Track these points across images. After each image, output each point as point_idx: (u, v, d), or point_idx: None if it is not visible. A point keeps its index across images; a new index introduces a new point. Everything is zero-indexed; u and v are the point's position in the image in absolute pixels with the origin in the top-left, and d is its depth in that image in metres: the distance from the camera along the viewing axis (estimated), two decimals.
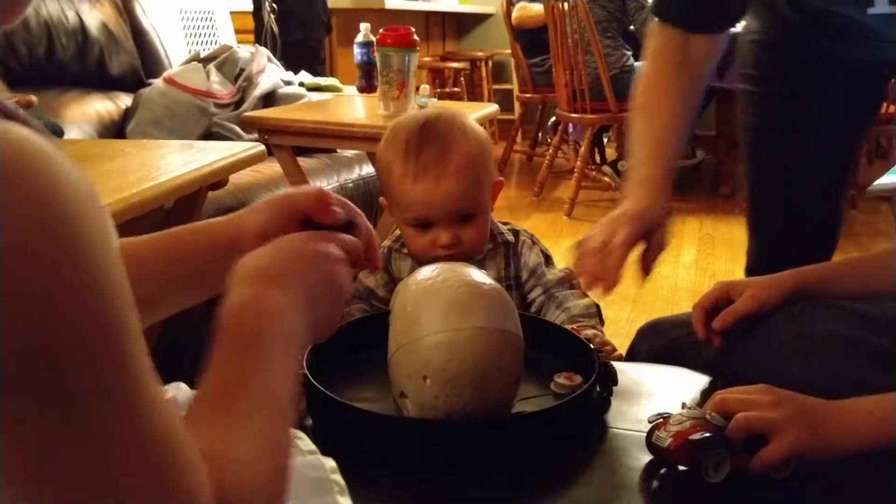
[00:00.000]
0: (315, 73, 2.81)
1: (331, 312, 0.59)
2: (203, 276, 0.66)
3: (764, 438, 0.72)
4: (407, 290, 0.80)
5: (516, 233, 1.18)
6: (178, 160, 1.16)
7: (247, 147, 1.20)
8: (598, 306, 1.13)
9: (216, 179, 1.09)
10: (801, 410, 0.74)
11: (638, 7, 3.66)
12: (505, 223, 1.20)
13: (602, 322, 1.12)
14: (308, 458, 0.63)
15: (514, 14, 4.32)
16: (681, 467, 0.73)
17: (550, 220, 3.61)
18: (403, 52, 1.54)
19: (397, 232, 1.17)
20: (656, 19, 1.19)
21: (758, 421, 0.73)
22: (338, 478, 0.63)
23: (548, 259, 1.18)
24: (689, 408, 0.76)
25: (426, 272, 0.81)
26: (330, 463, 0.64)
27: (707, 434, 0.72)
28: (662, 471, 0.76)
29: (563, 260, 1.17)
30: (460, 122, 1.10)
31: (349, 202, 0.67)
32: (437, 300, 0.75)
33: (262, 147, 1.21)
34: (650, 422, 0.76)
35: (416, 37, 1.58)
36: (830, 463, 0.74)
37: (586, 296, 1.14)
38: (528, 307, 1.15)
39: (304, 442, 0.65)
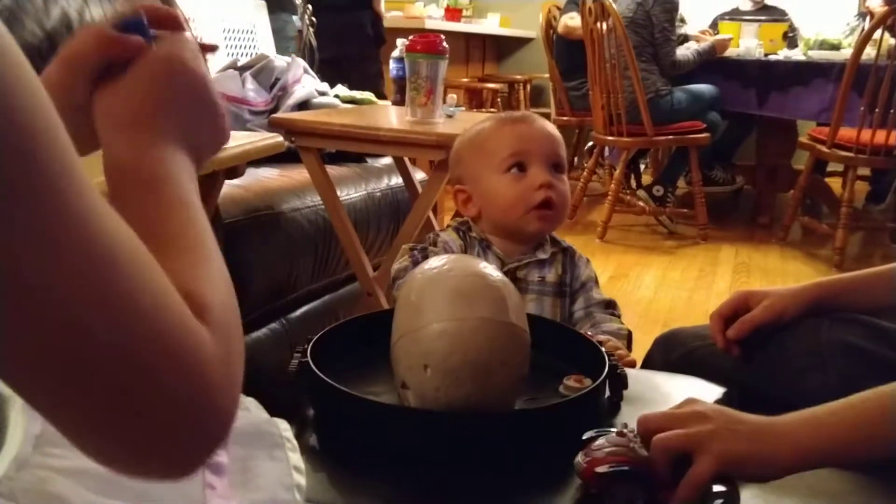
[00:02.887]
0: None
1: (211, 124, 0.55)
2: None
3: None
4: (413, 279, 0.79)
5: (573, 247, 1.22)
6: None
7: (264, 136, 1.21)
8: (630, 332, 1.13)
9: (230, 165, 1.10)
10: (729, 422, 0.67)
11: (664, 39, 3.65)
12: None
13: (630, 349, 1.11)
14: (263, 416, 0.63)
15: (563, 23, 4.28)
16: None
17: (583, 242, 3.58)
18: (432, 59, 1.55)
19: (458, 219, 1.19)
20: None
21: (678, 439, 0.66)
22: (290, 436, 0.62)
23: (596, 280, 1.20)
24: (624, 431, 0.69)
25: (434, 262, 0.80)
26: (284, 424, 0.63)
27: (617, 467, 0.65)
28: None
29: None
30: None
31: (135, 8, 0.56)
32: (442, 289, 0.74)
33: (279, 138, 1.22)
34: (583, 438, 0.69)
35: (445, 45, 1.59)
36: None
37: (622, 323, 1.15)
38: (569, 319, 1.15)
39: (256, 405, 0.65)
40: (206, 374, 0.36)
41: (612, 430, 0.70)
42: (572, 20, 4.21)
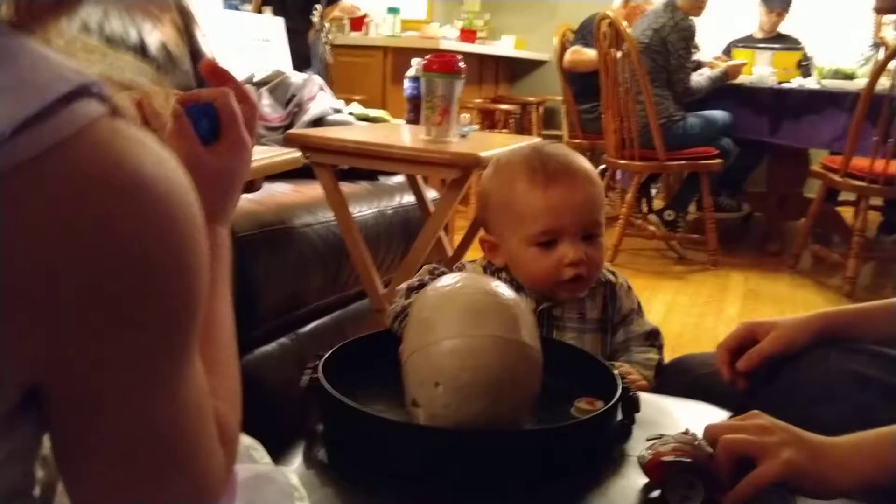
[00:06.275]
0: None
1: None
2: None
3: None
4: (425, 296, 0.79)
5: (614, 274, 1.16)
6: None
7: (281, 152, 1.21)
8: (659, 361, 1.11)
9: (249, 179, 1.10)
10: (795, 437, 0.70)
11: (678, 66, 3.66)
12: None
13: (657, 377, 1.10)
14: (268, 465, 0.63)
15: (567, 57, 4.35)
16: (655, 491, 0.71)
17: None
18: (448, 79, 1.56)
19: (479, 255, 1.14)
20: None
21: (745, 444, 0.69)
22: (298, 485, 0.63)
23: (639, 308, 1.16)
24: (689, 431, 0.73)
25: (447, 280, 0.80)
26: (291, 473, 0.65)
27: (682, 458, 0.68)
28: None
29: None
30: (568, 148, 1.14)
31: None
32: (454, 306, 0.74)
33: (297, 154, 1.23)
34: (647, 440, 0.74)
35: (461, 64, 1.60)
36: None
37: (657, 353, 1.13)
38: (610, 352, 1.12)
39: (260, 453, 0.65)
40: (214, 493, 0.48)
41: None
42: (575, 53, 4.27)
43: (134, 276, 0.37)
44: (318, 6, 3.02)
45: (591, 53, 4.08)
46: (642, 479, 0.76)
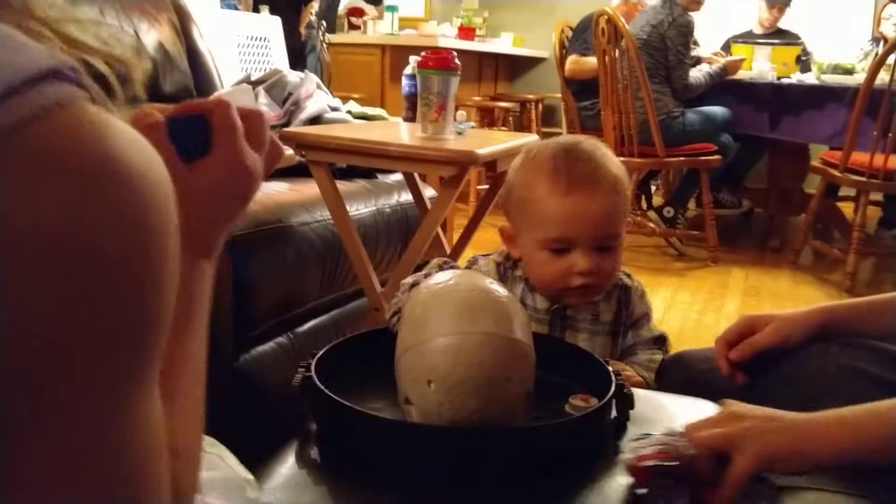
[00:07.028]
0: None
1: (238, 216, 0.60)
2: None
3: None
4: (418, 293, 0.78)
5: (630, 277, 1.15)
6: None
7: None
8: (663, 363, 1.11)
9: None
10: (767, 420, 0.69)
11: (677, 62, 3.66)
12: None
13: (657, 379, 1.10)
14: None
15: (567, 67, 4.35)
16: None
17: None
18: (443, 76, 1.55)
19: (502, 248, 1.13)
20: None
21: (715, 438, 0.68)
22: None
23: (650, 314, 1.16)
24: (675, 433, 0.72)
25: (440, 277, 0.79)
26: None
27: (662, 462, 0.68)
28: None
29: None
30: (604, 148, 1.08)
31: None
32: (447, 303, 0.74)
33: (291, 151, 1.22)
34: (633, 440, 0.73)
35: (457, 61, 1.59)
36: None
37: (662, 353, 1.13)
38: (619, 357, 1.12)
39: (252, 490, 0.64)
40: None
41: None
42: (574, 63, 4.28)
43: (93, 272, 0.34)
44: (314, 4, 3.02)
45: (590, 62, 4.07)
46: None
